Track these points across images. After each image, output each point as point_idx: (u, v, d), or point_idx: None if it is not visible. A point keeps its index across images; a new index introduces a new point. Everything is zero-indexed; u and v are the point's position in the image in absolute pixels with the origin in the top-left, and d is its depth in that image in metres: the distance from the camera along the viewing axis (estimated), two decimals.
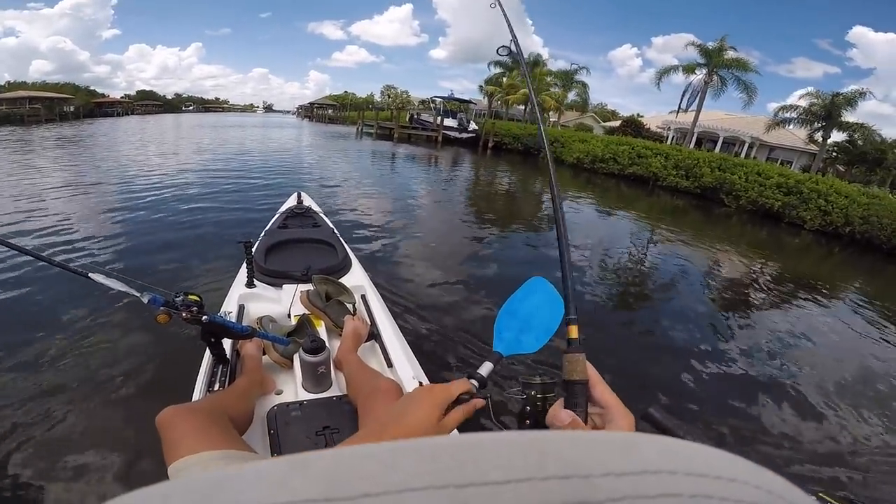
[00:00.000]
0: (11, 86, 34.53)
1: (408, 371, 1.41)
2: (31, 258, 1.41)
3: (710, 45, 17.36)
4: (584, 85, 25.92)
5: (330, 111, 50.72)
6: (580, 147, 16.13)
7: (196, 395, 1.27)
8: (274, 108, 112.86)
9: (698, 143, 20.12)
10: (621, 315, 4.11)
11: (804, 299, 5.16)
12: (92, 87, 45.77)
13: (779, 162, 18.07)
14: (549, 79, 25.59)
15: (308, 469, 0.11)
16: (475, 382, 0.63)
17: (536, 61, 26.61)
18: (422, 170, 13.48)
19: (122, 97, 50.01)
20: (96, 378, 2.34)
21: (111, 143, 14.96)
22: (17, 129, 19.11)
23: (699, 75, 18.34)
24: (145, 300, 1.09)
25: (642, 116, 31.38)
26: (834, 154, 18.34)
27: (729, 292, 5.10)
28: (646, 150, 14.14)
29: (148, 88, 75.62)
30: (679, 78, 19.37)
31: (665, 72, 20.15)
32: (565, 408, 0.46)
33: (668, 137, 22.79)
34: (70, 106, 29.87)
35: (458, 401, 0.58)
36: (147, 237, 4.74)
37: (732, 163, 12.31)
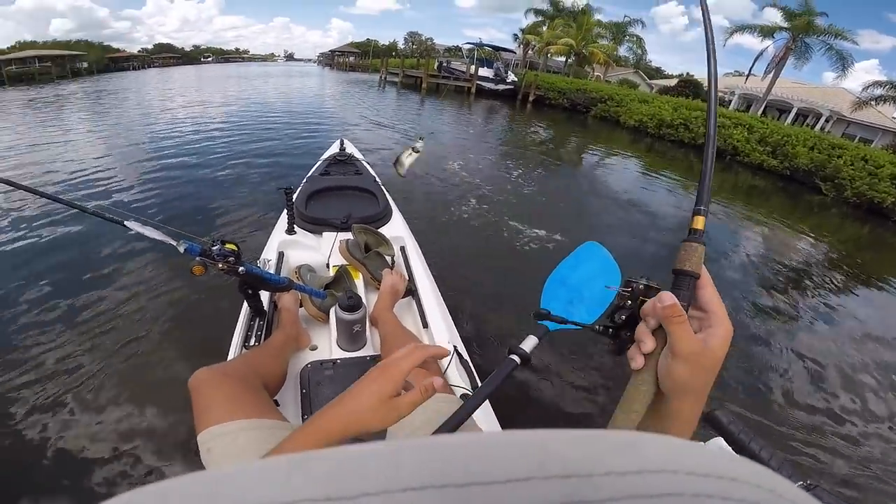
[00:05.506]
0: (23, 45, 34.34)
1: (444, 334, 1.34)
2: (66, 207, 1.25)
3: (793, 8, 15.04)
4: (640, 39, 23.42)
5: (351, 58, 50.49)
6: (642, 108, 14.24)
7: (232, 350, 1.23)
8: (295, 56, 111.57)
9: (764, 112, 17.97)
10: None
11: None
12: (108, 43, 46.41)
13: (856, 140, 16.01)
14: (597, 30, 23.07)
15: (309, 468, 0.11)
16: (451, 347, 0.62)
17: (584, 10, 23.93)
18: (461, 122, 11.92)
19: (139, 51, 51.07)
20: (133, 331, 2.29)
21: (134, 96, 14.15)
22: (29, 87, 18.68)
23: (778, 40, 16.08)
24: (181, 249, 1.02)
25: (693, 76, 28.53)
26: None
27: (810, 289, 4.43)
28: (724, 119, 12.18)
29: (167, 42, 77.96)
30: (733, 40, 17.36)
31: (737, 30, 17.79)
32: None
33: (730, 103, 20.53)
34: (83, 62, 30.16)
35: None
36: (182, 186, 4.66)
37: (829, 143, 10.47)
